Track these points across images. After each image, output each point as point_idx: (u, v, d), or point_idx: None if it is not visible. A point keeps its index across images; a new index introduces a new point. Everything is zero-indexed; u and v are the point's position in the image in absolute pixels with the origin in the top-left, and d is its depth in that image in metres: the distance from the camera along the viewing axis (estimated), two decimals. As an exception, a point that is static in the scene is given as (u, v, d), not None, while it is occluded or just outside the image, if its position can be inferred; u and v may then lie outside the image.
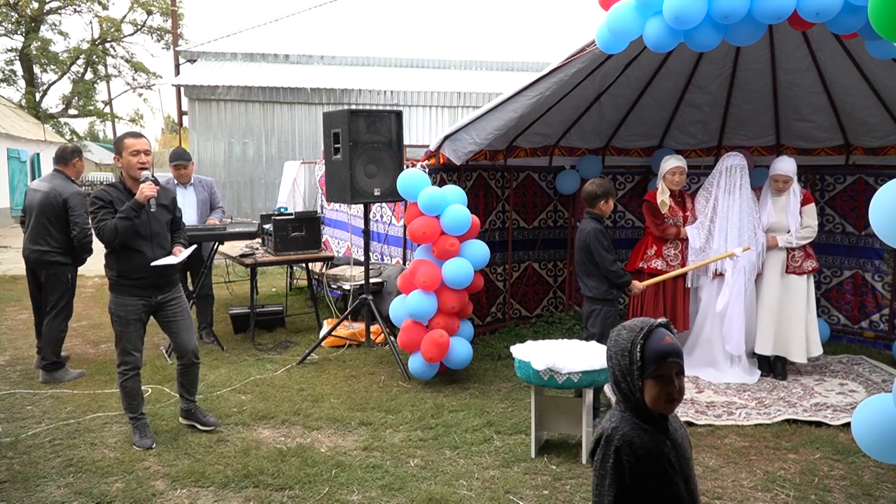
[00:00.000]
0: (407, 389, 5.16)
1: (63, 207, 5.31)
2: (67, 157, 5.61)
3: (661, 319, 1.87)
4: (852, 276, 6.39)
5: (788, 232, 5.30)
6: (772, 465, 3.89)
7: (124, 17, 30.52)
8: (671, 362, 1.81)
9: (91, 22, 42.30)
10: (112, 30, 30.03)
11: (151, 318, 4.27)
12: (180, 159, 6.43)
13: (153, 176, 4.13)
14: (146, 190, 3.97)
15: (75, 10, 29.29)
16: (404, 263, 6.82)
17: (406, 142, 8.38)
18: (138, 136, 4.12)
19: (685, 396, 4.94)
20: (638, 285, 4.81)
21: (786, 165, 5.27)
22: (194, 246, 4.46)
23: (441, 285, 5.12)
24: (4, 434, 4.29)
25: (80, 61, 30.20)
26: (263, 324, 6.88)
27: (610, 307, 4.55)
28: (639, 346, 1.80)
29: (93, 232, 3.99)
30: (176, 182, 6.43)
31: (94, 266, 6.58)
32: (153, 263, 4.04)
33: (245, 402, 4.87)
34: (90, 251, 5.52)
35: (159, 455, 4.00)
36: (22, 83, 28.71)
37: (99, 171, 34.17)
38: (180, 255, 4.19)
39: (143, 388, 4.38)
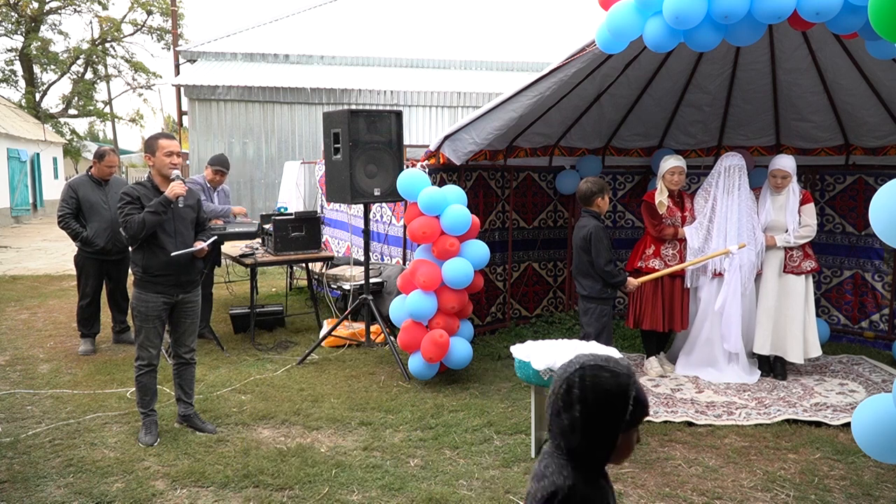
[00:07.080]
0: (407, 389, 5.16)
1: None
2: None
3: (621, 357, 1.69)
4: (852, 276, 6.39)
5: (787, 231, 5.31)
6: (772, 465, 3.89)
7: (124, 17, 30.55)
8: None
9: (91, 22, 42.35)
10: (112, 30, 30.02)
11: None
12: (223, 166, 6.76)
13: (181, 177, 4.26)
14: (177, 188, 4.08)
15: (75, 10, 29.31)
16: (404, 263, 6.82)
17: (406, 142, 8.41)
18: (171, 137, 4.28)
19: (685, 396, 4.98)
20: (633, 282, 4.82)
21: (784, 161, 5.29)
22: (215, 237, 4.53)
23: (441, 285, 5.12)
24: (4, 434, 4.29)
25: (80, 61, 30.21)
26: (263, 324, 6.88)
27: (605, 306, 4.56)
28: (634, 393, 1.55)
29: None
30: (209, 185, 6.77)
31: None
32: (173, 254, 4.10)
33: (245, 402, 4.87)
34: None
35: (159, 455, 4.00)
36: (22, 83, 28.71)
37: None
38: (198, 246, 4.25)
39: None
